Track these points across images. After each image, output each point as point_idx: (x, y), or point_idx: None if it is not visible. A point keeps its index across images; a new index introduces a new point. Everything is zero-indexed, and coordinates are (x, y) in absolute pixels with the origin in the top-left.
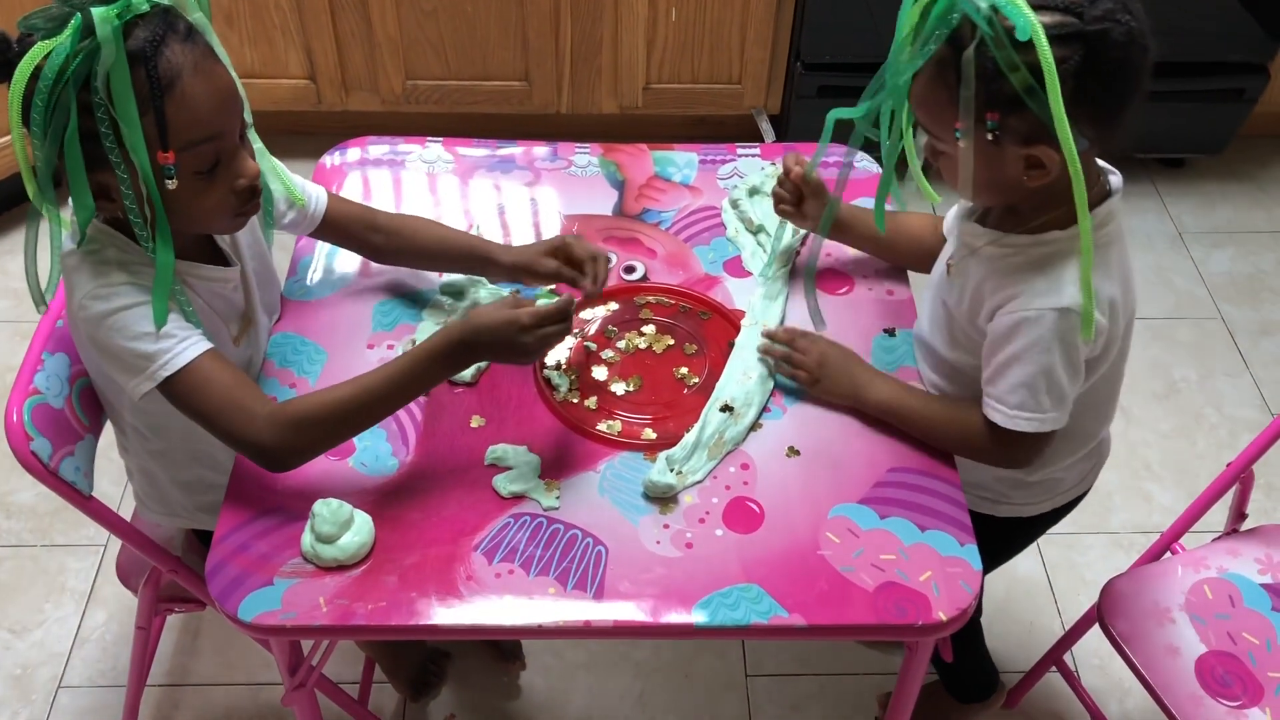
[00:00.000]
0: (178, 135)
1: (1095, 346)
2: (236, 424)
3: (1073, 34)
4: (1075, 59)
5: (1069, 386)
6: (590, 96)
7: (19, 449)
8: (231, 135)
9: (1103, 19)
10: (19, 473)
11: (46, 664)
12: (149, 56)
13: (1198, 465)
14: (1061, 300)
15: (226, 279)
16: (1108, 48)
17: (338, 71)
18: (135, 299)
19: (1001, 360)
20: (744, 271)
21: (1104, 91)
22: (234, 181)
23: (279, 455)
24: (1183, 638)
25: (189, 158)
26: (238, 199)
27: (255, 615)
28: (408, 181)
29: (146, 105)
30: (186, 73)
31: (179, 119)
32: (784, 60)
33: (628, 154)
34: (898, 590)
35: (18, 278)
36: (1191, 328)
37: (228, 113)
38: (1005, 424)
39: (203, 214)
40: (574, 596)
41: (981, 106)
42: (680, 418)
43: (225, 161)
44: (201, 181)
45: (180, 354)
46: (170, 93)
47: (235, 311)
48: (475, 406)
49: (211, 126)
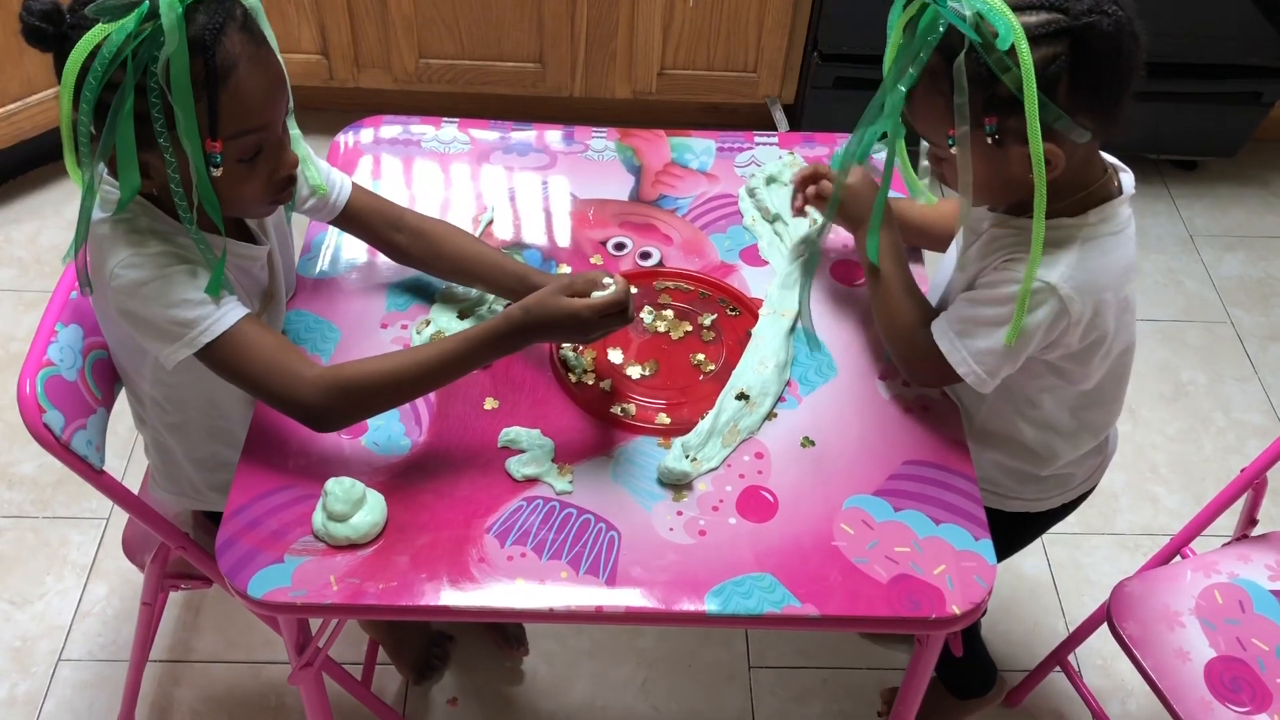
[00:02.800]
0: (228, 124)
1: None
2: (284, 385)
3: (1060, 30)
4: (1065, 55)
5: (1017, 360)
6: (604, 80)
7: (31, 421)
8: (277, 125)
9: (1089, 12)
10: (21, 443)
11: (46, 637)
12: (208, 45)
13: (1204, 469)
14: (1049, 277)
15: (255, 256)
16: (1096, 39)
17: (350, 48)
18: (172, 266)
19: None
20: (760, 260)
21: (1098, 83)
22: (274, 172)
23: (327, 416)
24: (1192, 642)
25: (235, 146)
26: (275, 188)
27: (265, 592)
28: (423, 163)
29: (201, 93)
30: (243, 63)
31: (231, 108)
32: (800, 50)
33: (645, 139)
34: (912, 583)
35: (22, 246)
36: (1201, 331)
37: (276, 103)
38: (948, 354)
39: (240, 200)
40: (586, 582)
41: (979, 111)
42: (695, 404)
43: (268, 151)
44: (243, 169)
45: (221, 319)
46: (225, 83)
47: (259, 288)
48: (489, 388)
49: (261, 117)
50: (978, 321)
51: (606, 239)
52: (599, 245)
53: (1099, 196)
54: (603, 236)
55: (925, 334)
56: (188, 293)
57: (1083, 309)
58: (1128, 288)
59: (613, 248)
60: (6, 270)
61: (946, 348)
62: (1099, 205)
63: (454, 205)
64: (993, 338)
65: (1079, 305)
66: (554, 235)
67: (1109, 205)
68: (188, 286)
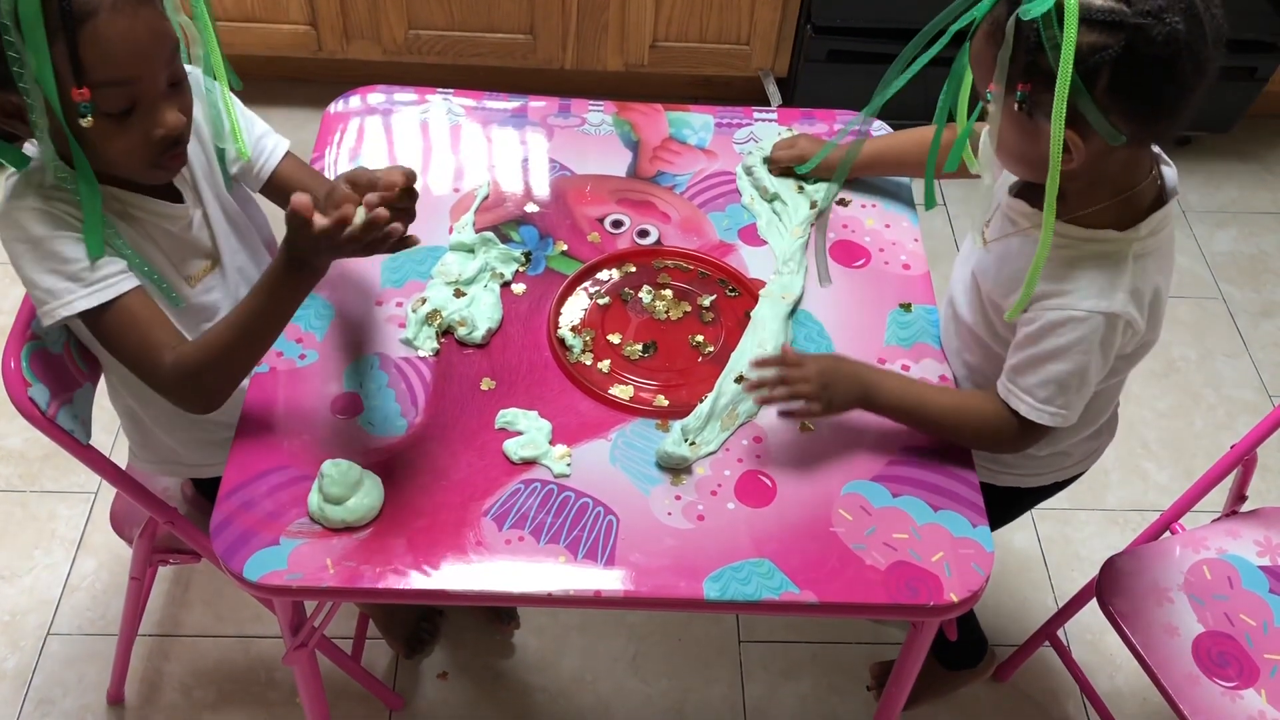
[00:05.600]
0: (91, 71)
1: (1127, 345)
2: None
3: (1116, 23)
4: (1114, 49)
5: (1092, 387)
6: (595, 53)
7: (16, 396)
8: (151, 81)
9: (1148, 14)
10: (8, 417)
11: (35, 611)
12: None
13: (1194, 445)
14: (1113, 305)
15: (175, 215)
16: (1144, 43)
17: (339, 19)
18: (46, 231)
19: (1038, 353)
20: (759, 240)
21: (1138, 88)
22: (150, 130)
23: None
24: (1181, 618)
25: (102, 96)
26: (153, 148)
27: (261, 575)
28: (416, 135)
29: (57, 36)
30: (105, 10)
31: (92, 55)
32: (794, 22)
33: (642, 113)
34: (909, 570)
35: None
36: (1192, 307)
37: (148, 58)
38: (1030, 415)
39: (115, 157)
40: (584, 565)
41: (1016, 75)
42: (693, 386)
43: (143, 108)
44: (114, 123)
45: (93, 293)
46: (82, 27)
47: (197, 251)
48: (486, 368)
49: (129, 70)
50: (1046, 373)
51: (604, 216)
52: (596, 223)
53: (1145, 204)
54: (600, 213)
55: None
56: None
57: (1143, 321)
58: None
59: (610, 225)
60: None
61: (1029, 411)
62: (1147, 217)
63: (447, 178)
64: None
65: (1141, 321)
66: (550, 211)
67: (1157, 216)
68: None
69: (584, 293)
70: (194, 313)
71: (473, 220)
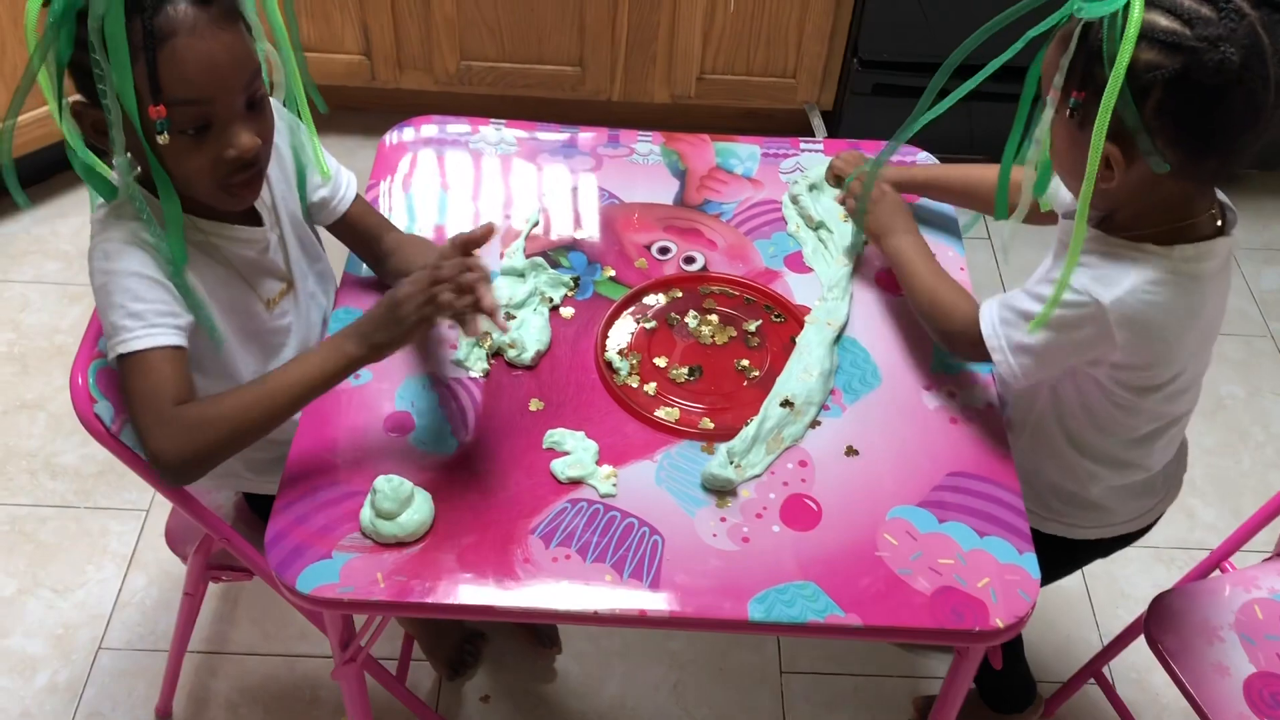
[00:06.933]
0: (168, 89)
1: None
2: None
3: (1176, 45)
4: (1169, 70)
5: (1052, 366)
6: (643, 84)
7: (83, 411)
8: (226, 103)
9: (1207, 40)
10: (65, 434)
11: (87, 625)
12: (147, 8)
13: (1242, 483)
14: (1104, 295)
15: (254, 239)
16: (1198, 69)
17: (393, 49)
18: (126, 264)
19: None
20: (805, 267)
21: (1186, 114)
22: (222, 150)
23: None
24: (1231, 657)
25: (178, 114)
26: (224, 169)
27: (313, 588)
28: (468, 163)
29: (139, 54)
30: (184, 31)
31: (170, 73)
32: (840, 56)
33: (689, 144)
34: (955, 595)
35: (67, 240)
36: (1240, 345)
37: (223, 80)
38: (985, 330)
39: (188, 175)
40: (630, 585)
41: (1073, 82)
42: (739, 410)
43: (217, 128)
44: (188, 142)
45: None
46: (163, 46)
47: (273, 274)
48: (534, 389)
49: (206, 90)
50: (1026, 316)
51: (651, 243)
52: (643, 249)
53: (1193, 234)
54: (647, 240)
55: (962, 311)
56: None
57: (1126, 339)
58: (1191, 337)
59: (657, 252)
60: (52, 263)
61: (988, 332)
62: (1193, 243)
63: (499, 205)
64: (1034, 336)
65: (1121, 335)
66: (599, 238)
67: (1202, 245)
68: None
69: (631, 317)
70: (268, 336)
71: (523, 246)
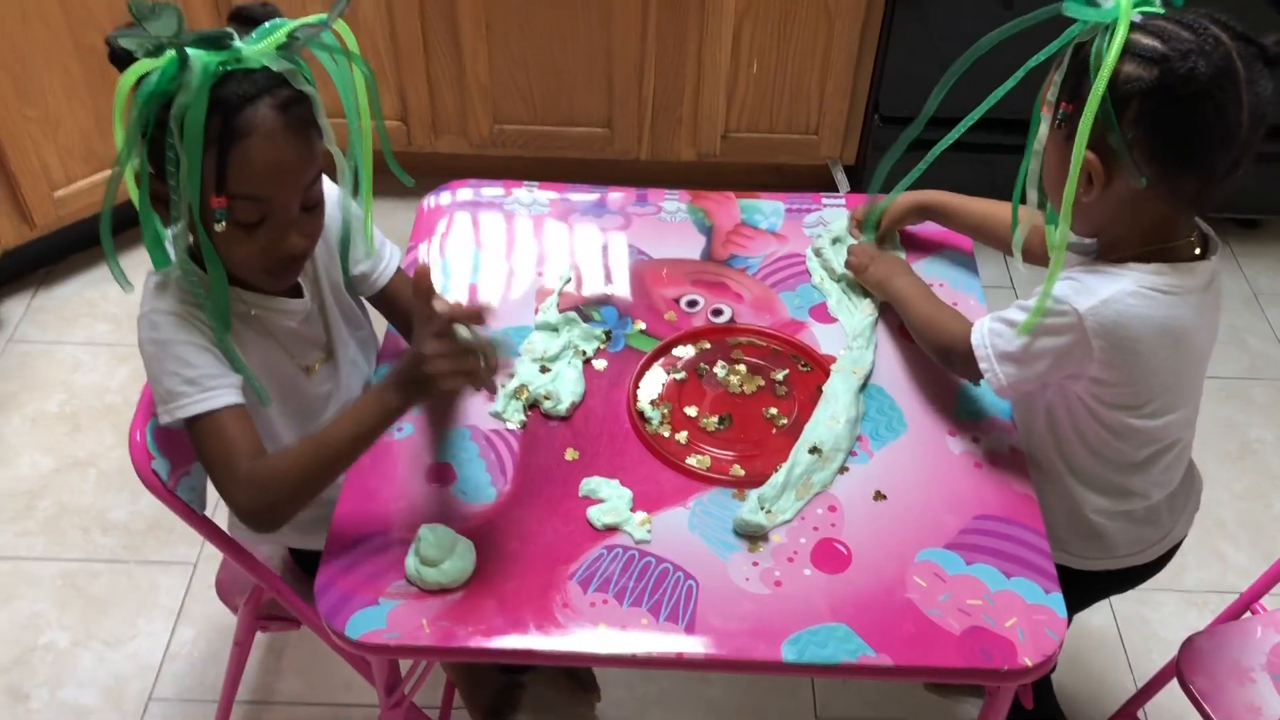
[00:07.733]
0: (233, 183)
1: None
2: (222, 483)
3: (1152, 58)
4: (1147, 80)
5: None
6: (669, 144)
7: (141, 467)
8: (285, 204)
9: (1180, 54)
10: (115, 490)
11: (138, 676)
12: (232, 107)
13: (1274, 527)
14: (1082, 304)
15: (294, 310)
16: (1173, 81)
17: (429, 114)
18: (175, 335)
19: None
20: (829, 317)
21: (1160, 124)
22: (273, 247)
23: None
24: (1264, 698)
25: (238, 207)
26: (269, 261)
27: (362, 634)
28: (503, 224)
29: (212, 147)
30: (260, 134)
31: (237, 169)
32: (861, 112)
33: (715, 201)
34: (984, 635)
35: (116, 303)
36: (1266, 389)
37: (286, 183)
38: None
39: (236, 259)
40: (666, 629)
41: (1064, 95)
42: (768, 457)
43: (270, 225)
44: (241, 232)
45: (198, 402)
46: (237, 144)
47: (313, 343)
48: (569, 439)
49: (268, 189)
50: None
51: (679, 297)
52: (672, 303)
53: (1172, 256)
54: (676, 294)
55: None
56: (185, 364)
57: (1102, 348)
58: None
59: (686, 305)
60: (103, 325)
61: (978, 342)
62: (1171, 263)
63: (532, 263)
64: (1017, 344)
65: (1097, 343)
66: (629, 293)
67: (1181, 265)
68: (185, 357)
69: (661, 368)
70: (308, 402)
71: (556, 301)
